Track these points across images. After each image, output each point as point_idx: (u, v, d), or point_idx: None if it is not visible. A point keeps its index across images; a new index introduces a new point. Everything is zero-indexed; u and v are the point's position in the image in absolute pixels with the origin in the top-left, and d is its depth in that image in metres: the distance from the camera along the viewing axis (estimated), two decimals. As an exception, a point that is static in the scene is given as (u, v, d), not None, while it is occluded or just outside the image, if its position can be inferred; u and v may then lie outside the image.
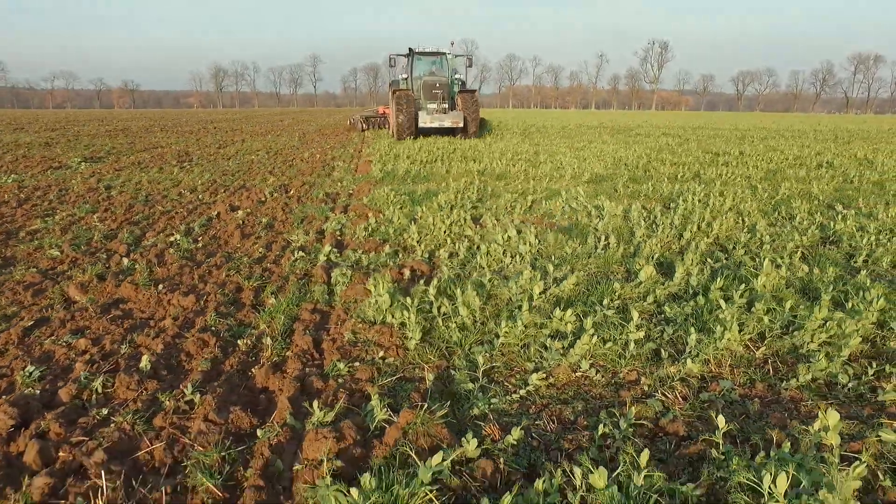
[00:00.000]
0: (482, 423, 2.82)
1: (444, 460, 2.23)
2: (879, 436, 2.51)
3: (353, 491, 2.04)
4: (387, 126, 25.15)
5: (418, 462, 2.30)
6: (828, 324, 3.59)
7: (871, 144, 20.54)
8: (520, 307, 3.98)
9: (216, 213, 7.95)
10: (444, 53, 21.92)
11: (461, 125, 19.67)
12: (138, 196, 9.22)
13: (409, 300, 3.84)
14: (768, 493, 2.16)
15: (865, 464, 2.16)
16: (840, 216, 7.08)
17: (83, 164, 13.81)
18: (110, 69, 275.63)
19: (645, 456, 2.23)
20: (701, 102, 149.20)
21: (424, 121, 19.46)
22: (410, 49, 21.74)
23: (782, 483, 2.13)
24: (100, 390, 3.13)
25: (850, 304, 4.01)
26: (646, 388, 3.23)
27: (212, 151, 17.29)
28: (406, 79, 21.86)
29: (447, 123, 19.56)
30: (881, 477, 2.44)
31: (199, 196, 9.29)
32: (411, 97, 19.82)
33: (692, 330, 3.52)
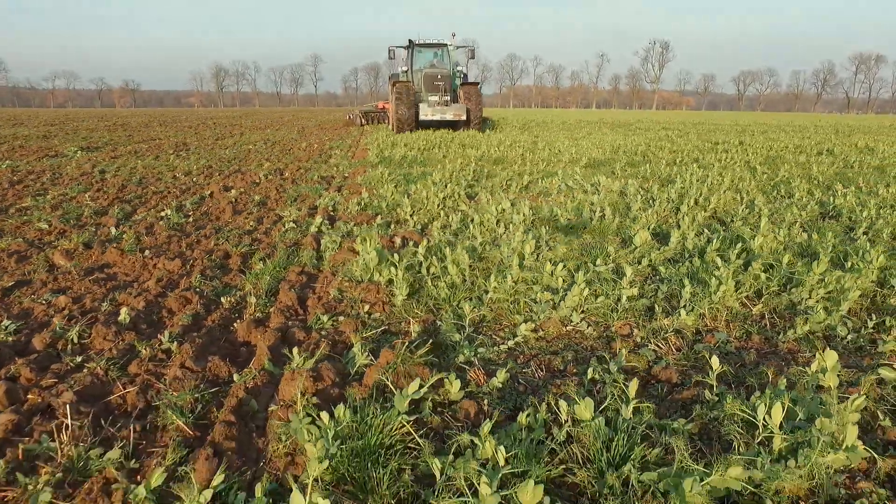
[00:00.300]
0: (467, 368, 2.73)
1: (421, 388, 2.13)
2: (879, 373, 2.41)
3: (325, 416, 1.95)
4: (386, 121, 24.54)
5: (395, 391, 2.20)
6: (826, 279, 3.48)
7: (873, 136, 20.42)
8: (510, 266, 3.88)
9: (209, 192, 7.85)
10: (445, 45, 21.25)
11: (464, 118, 19.23)
12: (132, 178, 9.13)
13: (396, 257, 3.74)
14: (763, 424, 2.06)
15: (864, 396, 2.06)
16: (840, 193, 6.98)
17: (80, 152, 13.74)
18: (111, 69, 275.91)
19: (634, 385, 2.13)
20: (702, 102, 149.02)
21: (425, 113, 18.98)
22: (410, 41, 21.14)
23: (777, 413, 2.03)
24: (76, 340, 3.04)
25: (849, 264, 3.91)
26: (639, 339, 3.13)
27: (210, 143, 17.20)
28: (406, 71, 21.29)
29: (449, 116, 19.13)
30: (881, 416, 2.34)
31: (194, 179, 9.20)
32: (411, 89, 19.39)
33: (686, 282, 3.41)
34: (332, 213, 6.39)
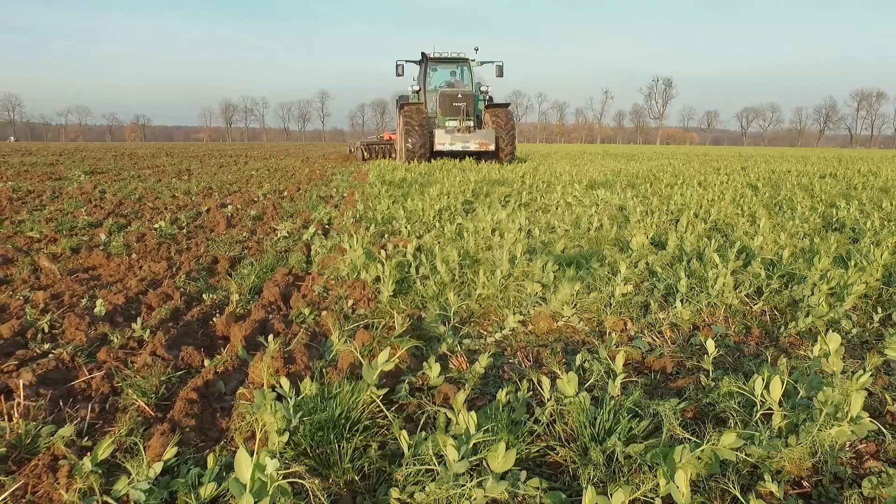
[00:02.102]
0: (450, 355, 2.59)
1: (390, 358, 2.00)
2: (885, 354, 2.26)
3: (285, 383, 1.81)
4: (393, 155, 20.62)
5: (365, 363, 2.06)
6: (829, 275, 3.35)
7: (876, 164, 20.36)
8: (501, 263, 3.77)
9: (206, 208, 7.81)
10: (466, 60, 17.43)
11: (492, 148, 15.46)
12: (131, 197, 9.11)
13: (383, 254, 3.63)
14: (760, 401, 1.92)
15: (870, 373, 1.92)
16: (843, 207, 6.86)
17: (83, 176, 13.81)
18: (123, 105, 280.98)
19: (620, 359, 1.99)
20: (706, 138, 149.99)
21: (443, 141, 15.42)
22: (424, 55, 17.37)
23: (776, 389, 1.89)
24: (46, 330, 2.93)
25: (853, 263, 3.77)
26: (632, 333, 2.99)
27: (213, 170, 17.30)
28: (418, 92, 17.64)
29: (473, 146, 15.45)
30: (889, 401, 2.18)
31: (192, 198, 9.18)
32: (424, 112, 16.27)
33: (682, 275, 3.28)
34: (326, 226, 6.31)
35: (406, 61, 17.33)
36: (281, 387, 1.86)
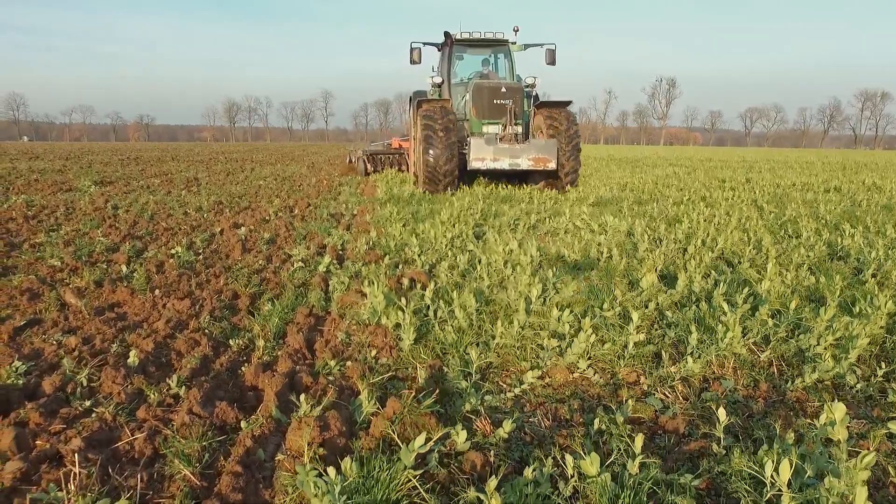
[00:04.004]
0: (474, 418, 2.72)
1: (427, 442, 2.13)
2: (889, 428, 2.39)
3: (332, 471, 1.95)
4: (404, 167, 17.50)
5: (402, 445, 2.20)
6: (834, 325, 3.47)
7: (880, 173, 20.45)
8: (517, 310, 3.90)
9: (219, 229, 7.95)
10: (504, 42, 12.92)
11: (552, 166, 11.09)
12: (144, 214, 9.26)
13: (404, 301, 3.76)
14: (770, 482, 2.04)
15: (874, 452, 2.05)
16: (848, 233, 6.97)
17: (93, 187, 13.98)
18: (126, 104, 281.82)
19: (639, 441, 2.12)
20: (709, 138, 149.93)
21: (481, 155, 10.98)
22: (448, 35, 12.80)
23: (785, 471, 2.01)
24: (85, 383, 3.07)
25: (857, 309, 3.89)
26: (645, 387, 3.12)
27: (221, 178, 17.46)
28: (440, 85, 13.11)
29: (525, 162, 11.01)
30: (892, 473, 2.31)
31: (204, 215, 9.32)
32: (451, 113, 11.55)
33: (693, 329, 3.41)
34: (340, 252, 6.45)
35: (424, 44, 12.85)
36: (322, 467, 1.99)
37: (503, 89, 11.97)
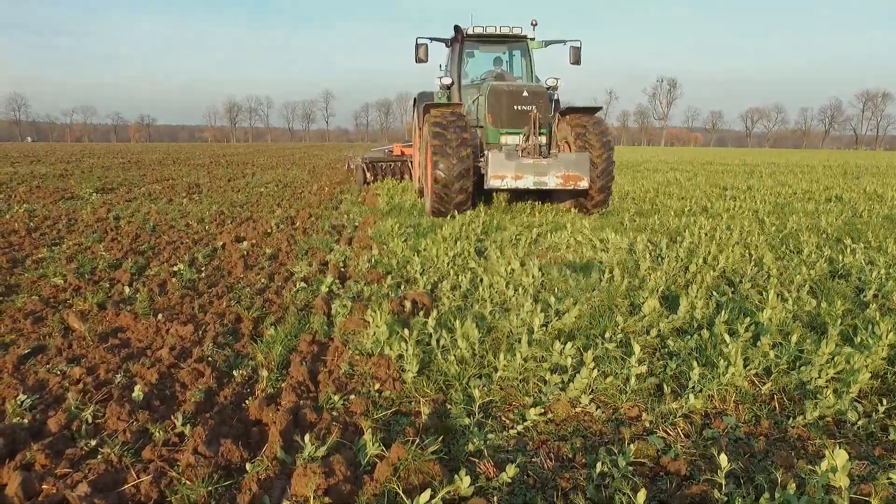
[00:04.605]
0: (477, 460, 2.74)
1: (432, 498, 2.15)
2: (890, 478, 2.40)
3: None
4: (407, 175, 16.16)
5: (406, 501, 2.22)
6: (836, 359, 3.48)
7: (881, 179, 20.46)
8: (519, 340, 3.92)
9: (221, 244, 7.96)
10: (522, 38, 11.38)
11: (584, 185, 9.50)
12: (145, 226, 9.28)
13: (407, 332, 3.78)
14: (772, 536, 2.06)
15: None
16: (849, 249, 6.99)
17: (95, 195, 14.00)
18: (128, 104, 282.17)
19: (641, 496, 2.14)
20: (710, 139, 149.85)
21: (501, 172, 9.27)
22: (458, 29, 11.14)
23: (787, 526, 2.03)
24: (90, 420, 3.08)
25: (858, 339, 3.91)
26: (647, 424, 3.14)
27: (222, 184, 17.49)
28: (450, 86, 11.44)
29: (553, 181, 9.39)
30: (893, 521, 2.32)
31: (206, 227, 9.34)
32: (464, 121, 10.01)
33: (695, 364, 3.42)
34: (342, 270, 6.46)
35: (431, 39, 11.22)
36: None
37: (525, 93, 10.24)
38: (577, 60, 11.31)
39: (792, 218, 9.48)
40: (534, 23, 11.45)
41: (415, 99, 12.85)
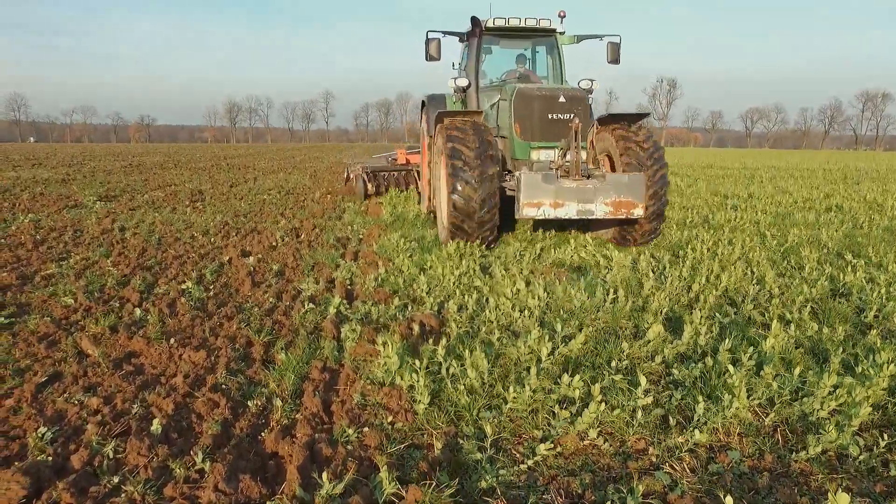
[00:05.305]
0: (490, 499, 2.82)
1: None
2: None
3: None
4: (414, 186, 14.48)
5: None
6: (837, 391, 3.56)
7: (881, 184, 20.55)
8: (528, 369, 4.00)
9: (228, 258, 8.04)
10: (551, 32, 9.84)
11: (639, 212, 7.74)
12: (151, 239, 9.35)
13: (417, 363, 3.86)
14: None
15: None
16: (850, 266, 7.07)
17: (98, 202, 14.07)
18: (128, 104, 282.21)
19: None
20: (710, 139, 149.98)
21: (537, 198, 7.50)
22: (476, 21, 9.52)
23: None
24: (111, 455, 3.16)
25: (859, 368, 3.98)
26: (654, 458, 3.22)
27: (224, 190, 17.57)
28: (466, 90, 9.85)
29: (601, 209, 7.64)
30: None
31: (211, 240, 9.41)
32: (487, 132, 8.32)
33: (700, 398, 3.51)
34: (349, 288, 6.54)
35: (444, 33, 9.66)
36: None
37: (562, 98, 8.50)
38: (615, 59, 9.67)
39: (793, 231, 9.56)
40: (562, 14, 9.81)
41: (423, 102, 11.02)
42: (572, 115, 8.33)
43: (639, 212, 7.75)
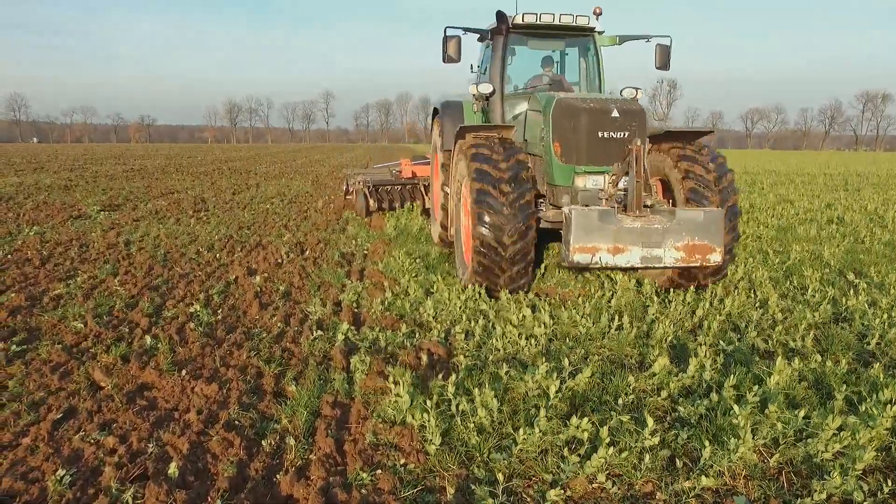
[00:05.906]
0: (503, 550, 2.88)
1: None
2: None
3: None
4: (420, 202, 13.29)
5: None
6: (842, 433, 3.63)
7: (882, 191, 20.63)
8: (536, 406, 4.07)
9: (234, 277, 8.10)
10: (590, 31, 8.56)
11: (716, 259, 6.16)
12: (157, 254, 9.41)
13: (428, 402, 3.92)
14: None
15: None
16: (851, 289, 7.14)
17: (102, 213, 14.14)
18: (128, 104, 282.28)
19: None
20: (710, 140, 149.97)
21: (591, 242, 5.85)
22: (503, 17, 7.79)
23: None
24: (131, 503, 3.22)
25: (863, 407, 4.05)
26: (661, 503, 3.28)
27: (227, 197, 17.65)
28: (488, 98, 8.28)
29: (671, 256, 6.03)
30: None
31: (217, 255, 9.48)
32: (518, 151, 7.00)
33: (706, 442, 3.57)
34: (356, 311, 6.60)
35: (465, 30, 8.26)
36: None
37: (615, 112, 6.87)
38: (664, 63, 8.39)
39: (794, 248, 9.62)
40: (597, 11, 8.39)
41: (435, 109, 9.60)
42: (628, 135, 6.78)
43: (716, 258, 6.20)
